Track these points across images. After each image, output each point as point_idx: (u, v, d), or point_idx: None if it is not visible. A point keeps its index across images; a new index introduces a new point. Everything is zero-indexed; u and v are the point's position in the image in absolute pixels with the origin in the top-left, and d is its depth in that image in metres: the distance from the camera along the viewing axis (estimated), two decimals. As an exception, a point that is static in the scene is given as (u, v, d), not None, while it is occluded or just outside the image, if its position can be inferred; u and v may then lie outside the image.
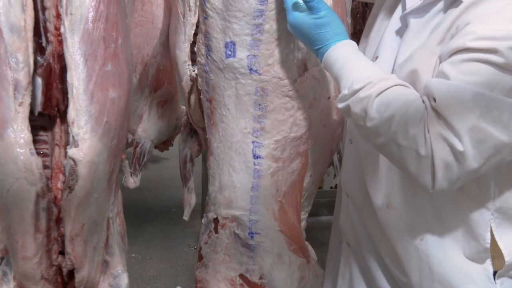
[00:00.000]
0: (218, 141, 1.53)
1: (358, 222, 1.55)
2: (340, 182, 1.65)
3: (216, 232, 1.61)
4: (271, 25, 1.42)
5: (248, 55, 1.43)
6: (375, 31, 1.55)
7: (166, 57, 2.54)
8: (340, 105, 1.33)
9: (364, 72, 1.30)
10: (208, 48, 1.45)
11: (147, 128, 2.64)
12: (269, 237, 1.60)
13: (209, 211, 1.61)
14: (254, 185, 1.54)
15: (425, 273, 1.39)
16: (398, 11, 1.47)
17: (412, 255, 1.41)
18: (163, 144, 2.88)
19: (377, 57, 1.46)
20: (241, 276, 1.62)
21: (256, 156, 1.52)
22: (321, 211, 4.20)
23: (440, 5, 1.36)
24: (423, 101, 1.25)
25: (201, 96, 1.59)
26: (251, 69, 1.43)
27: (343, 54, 1.34)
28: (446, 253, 1.38)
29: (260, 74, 1.44)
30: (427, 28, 1.35)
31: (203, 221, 1.66)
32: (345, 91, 1.30)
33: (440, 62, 1.27)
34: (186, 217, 2.36)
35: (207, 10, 1.43)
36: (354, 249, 1.58)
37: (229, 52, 1.42)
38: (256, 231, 1.58)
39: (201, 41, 1.50)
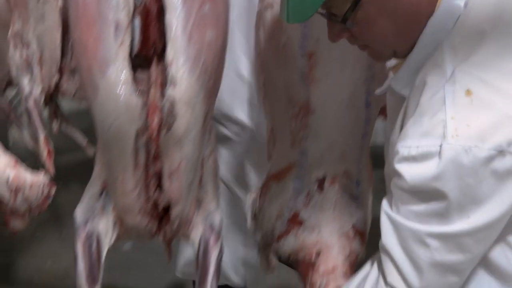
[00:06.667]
0: (325, 96, 1.49)
1: None
2: None
3: (322, 190, 1.60)
4: None
5: None
6: None
7: None
8: None
9: None
10: None
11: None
12: (366, 183, 1.63)
13: (312, 172, 1.58)
14: (364, 133, 1.54)
15: None
16: None
17: None
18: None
19: None
20: (353, 227, 1.64)
21: (368, 104, 1.51)
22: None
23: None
24: None
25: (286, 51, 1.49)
26: None
27: None
28: None
29: None
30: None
31: (292, 185, 1.62)
32: None
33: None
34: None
35: None
36: None
37: None
38: (360, 179, 1.60)
39: None
